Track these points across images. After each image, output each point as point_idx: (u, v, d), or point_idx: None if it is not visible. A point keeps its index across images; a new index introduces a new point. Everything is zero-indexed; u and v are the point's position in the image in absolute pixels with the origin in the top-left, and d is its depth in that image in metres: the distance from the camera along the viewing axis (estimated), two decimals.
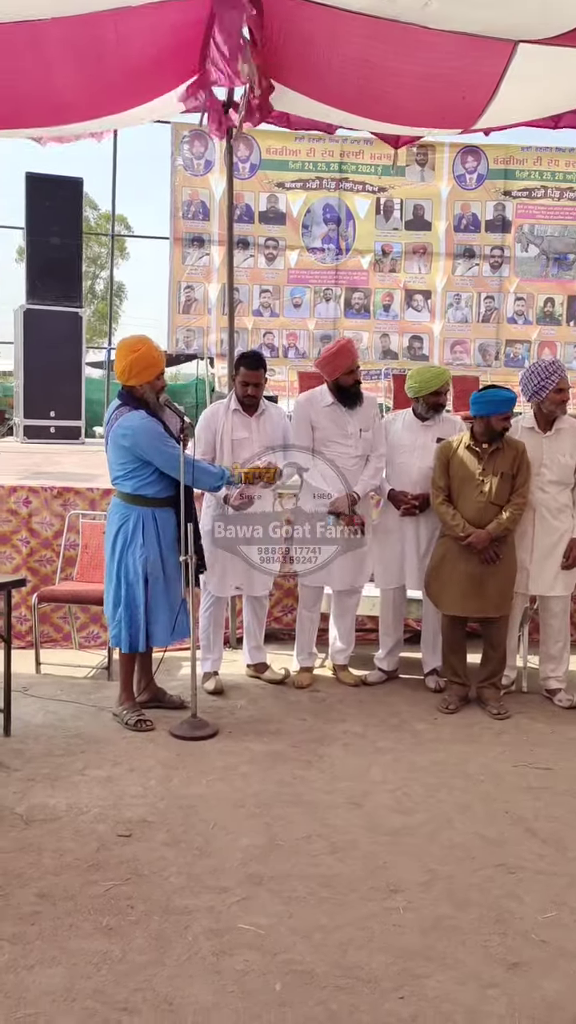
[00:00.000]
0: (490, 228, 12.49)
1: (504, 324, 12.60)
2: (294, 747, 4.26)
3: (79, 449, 10.14)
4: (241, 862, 3.17)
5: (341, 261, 12.17)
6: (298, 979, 2.54)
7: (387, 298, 12.35)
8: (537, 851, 3.34)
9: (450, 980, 2.56)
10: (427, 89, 4.76)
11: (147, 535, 4.39)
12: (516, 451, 4.77)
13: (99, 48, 4.26)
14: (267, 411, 5.04)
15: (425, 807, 3.68)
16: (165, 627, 4.45)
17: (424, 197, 12.27)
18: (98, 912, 2.83)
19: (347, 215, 12.12)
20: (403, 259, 12.31)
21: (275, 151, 11.81)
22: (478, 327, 12.54)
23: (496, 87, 4.57)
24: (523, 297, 12.64)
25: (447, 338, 12.52)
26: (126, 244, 30.89)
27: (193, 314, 11.80)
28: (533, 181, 12.43)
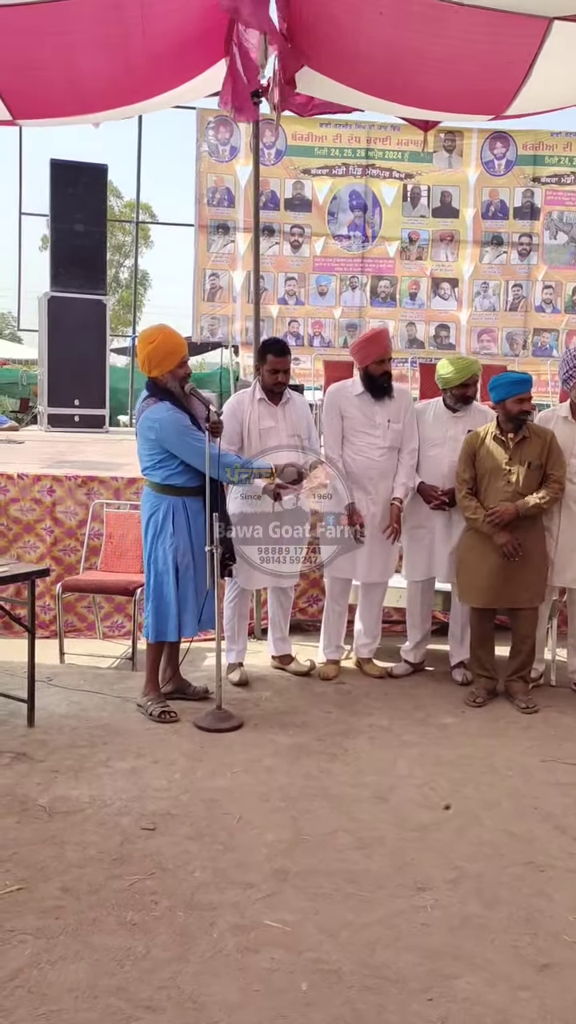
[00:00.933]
0: (518, 215, 12.34)
1: (532, 312, 12.46)
2: (319, 740, 4.22)
3: (103, 438, 10.14)
4: (266, 857, 3.14)
5: (367, 249, 12.07)
6: (324, 978, 2.50)
7: (413, 286, 12.24)
8: (567, 849, 3.28)
9: (480, 981, 2.51)
10: (456, 72, 4.66)
11: (177, 524, 4.37)
12: (544, 440, 4.68)
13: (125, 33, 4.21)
14: (292, 400, 5.00)
15: (452, 802, 3.62)
16: (194, 617, 4.43)
17: (452, 184, 12.13)
18: (122, 907, 2.80)
19: (373, 202, 12.02)
20: (430, 246, 12.19)
21: (301, 137, 11.71)
22: (505, 316, 12.41)
23: (529, 70, 4.46)
24: (551, 285, 12.48)
25: (474, 327, 12.40)
26: (150, 232, 30.87)
27: (218, 302, 11.76)
28: (563, 167, 12.25)
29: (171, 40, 4.50)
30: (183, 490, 4.37)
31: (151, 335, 4.38)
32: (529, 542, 4.67)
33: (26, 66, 4.41)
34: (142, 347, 4.35)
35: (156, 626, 4.45)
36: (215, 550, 4.29)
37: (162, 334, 4.36)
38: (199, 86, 5.09)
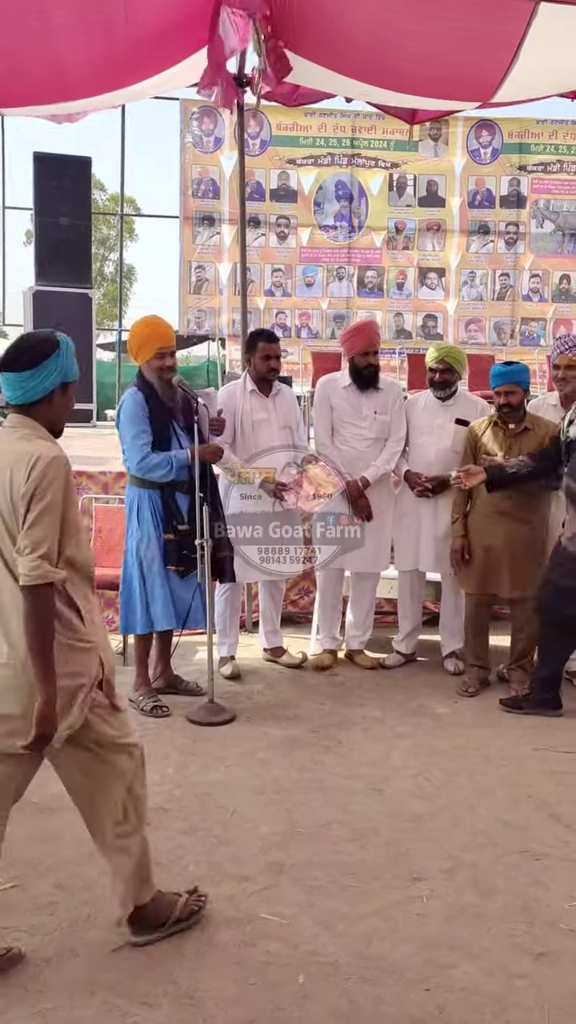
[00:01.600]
0: (505, 204, 12.33)
1: (519, 302, 12.46)
2: (313, 732, 4.21)
3: (91, 432, 10.09)
4: (261, 850, 3.13)
5: (354, 239, 12.05)
6: (321, 970, 2.49)
7: (400, 276, 12.22)
8: (562, 837, 3.29)
9: (477, 970, 2.51)
10: (443, 56, 4.63)
11: (143, 516, 4.36)
12: (546, 432, 4.63)
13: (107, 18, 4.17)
14: (281, 391, 5.01)
15: (446, 792, 3.62)
16: (166, 610, 4.37)
17: (438, 173, 12.12)
18: None
19: (359, 192, 11.99)
20: (417, 236, 12.17)
21: (286, 127, 11.67)
22: (493, 305, 12.41)
23: (515, 53, 4.44)
24: (538, 274, 12.49)
25: (461, 316, 12.40)
26: (135, 225, 30.73)
27: (204, 294, 11.72)
28: (549, 155, 12.25)
29: (154, 26, 4.46)
30: (147, 482, 4.36)
31: (136, 323, 4.49)
32: (524, 532, 4.65)
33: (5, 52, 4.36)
34: (129, 335, 4.48)
35: (124, 618, 4.48)
36: (206, 544, 4.27)
37: (144, 322, 4.46)
38: (182, 73, 5.04)
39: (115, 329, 14.64)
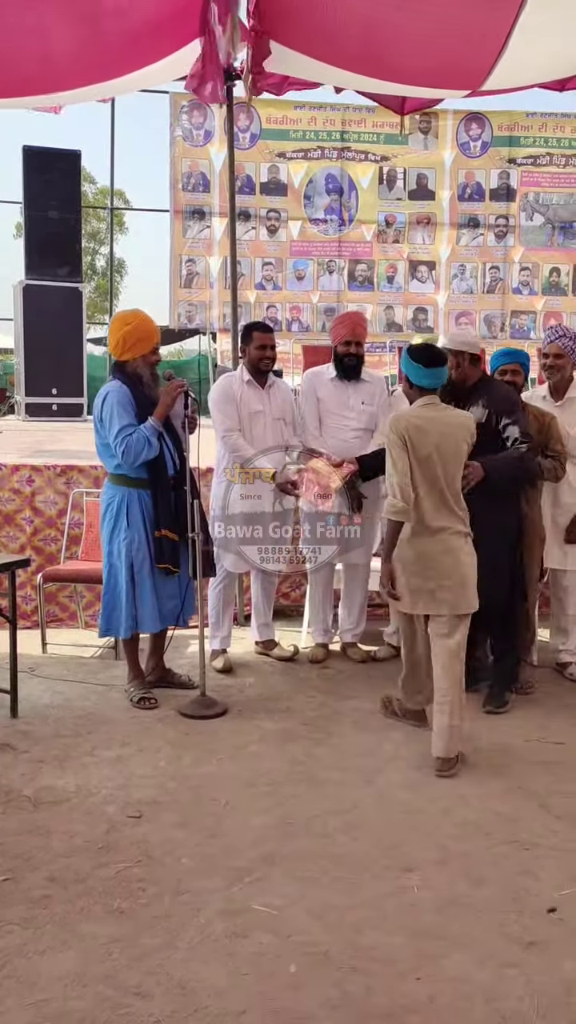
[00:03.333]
0: (495, 197, 12.32)
1: (509, 295, 12.46)
2: (304, 725, 4.22)
3: (82, 427, 10.07)
4: (253, 842, 3.14)
5: (344, 232, 12.02)
6: (313, 960, 2.51)
7: (391, 269, 12.21)
8: (551, 827, 3.31)
9: (467, 960, 2.53)
10: (432, 46, 4.63)
11: (132, 517, 4.33)
12: (541, 423, 4.61)
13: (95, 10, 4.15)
14: (276, 383, 5.03)
15: (437, 783, 3.64)
16: (153, 613, 4.36)
17: (427, 166, 12.10)
18: (109, 895, 2.80)
19: (349, 185, 11.96)
20: (407, 229, 12.15)
21: (275, 120, 11.63)
22: (483, 298, 12.40)
23: (504, 43, 4.44)
24: (528, 267, 12.49)
25: (452, 309, 12.39)
26: (125, 218, 30.62)
27: (195, 288, 11.68)
28: (538, 148, 12.23)
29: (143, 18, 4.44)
30: (136, 481, 4.33)
31: (128, 317, 4.40)
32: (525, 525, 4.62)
33: None
34: (117, 328, 4.36)
35: (105, 620, 4.45)
36: (196, 537, 4.28)
37: (138, 318, 4.38)
38: (171, 67, 5.03)
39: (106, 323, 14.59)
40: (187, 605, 4.50)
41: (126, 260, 36.66)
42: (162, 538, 4.29)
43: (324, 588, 5.24)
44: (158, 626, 4.41)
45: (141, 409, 4.29)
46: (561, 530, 4.84)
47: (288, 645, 5.26)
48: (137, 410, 4.28)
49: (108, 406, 4.28)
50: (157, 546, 4.31)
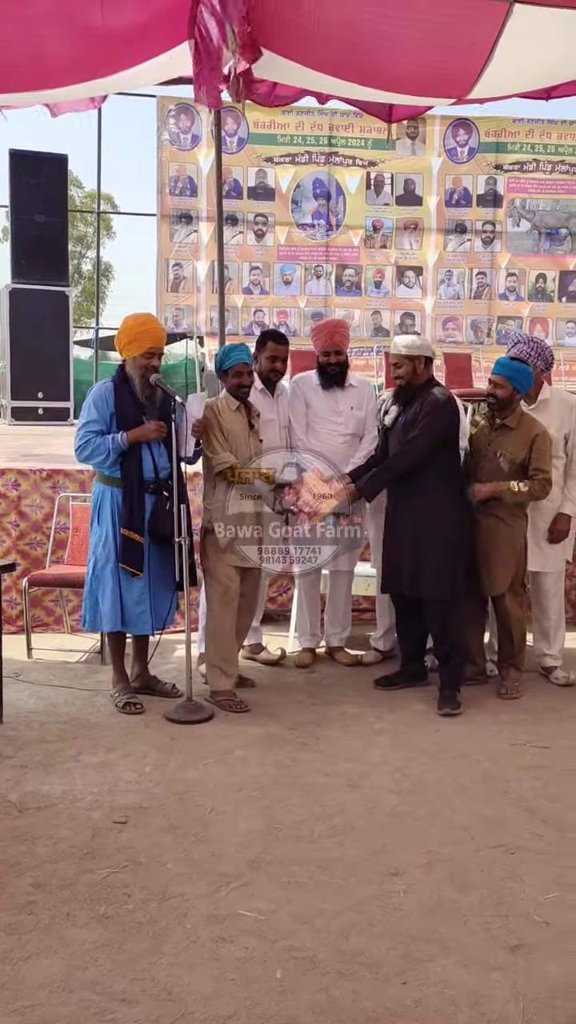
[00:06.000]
0: (482, 203, 12.40)
1: (496, 300, 12.54)
2: (291, 729, 4.23)
3: (68, 431, 10.03)
4: (239, 847, 3.14)
5: (331, 237, 12.07)
6: (299, 965, 2.51)
7: (378, 275, 12.26)
8: (537, 831, 3.32)
9: (453, 964, 2.53)
10: (419, 54, 4.67)
11: (103, 515, 4.38)
12: (528, 434, 4.62)
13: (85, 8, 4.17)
14: (284, 392, 5.07)
15: (424, 788, 3.65)
16: (113, 612, 4.34)
17: (415, 171, 12.16)
18: (95, 901, 2.79)
19: (337, 190, 12.02)
20: (394, 235, 12.22)
21: (263, 125, 11.67)
22: (470, 303, 12.48)
23: (491, 53, 4.48)
24: (515, 273, 12.57)
25: (439, 315, 12.46)
26: (112, 222, 30.61)
27: (182, 292, 11.70)
28: (525, 154, 12.33)
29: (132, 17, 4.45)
30: (110, 480, 4.36)
31: (130, 317, 4.48)
32: (501, 533, 4.66)
33: None
34: (121, 326, 4.46)
35: (82, 613, 4.53)
36: (183, 542, 4.28)
37: (139, 319, 4.47)
38: (160, 67, 5.04)
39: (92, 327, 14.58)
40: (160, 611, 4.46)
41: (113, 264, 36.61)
42: (125, 538, 4.30)
43: (311, 593, 5.25)
44: (117, 626, 4.39)
45: (121, 411, 4.32)
46: (540, 532, 4.86)
47: (275, 649, 5.27)
48: (116, 411, 4.32)
49: (84, 402, 4.39)
50: (122, 546, 4.31)
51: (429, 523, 4.50)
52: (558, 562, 5.00)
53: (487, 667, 5.02)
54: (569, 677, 4.97)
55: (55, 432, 9.60)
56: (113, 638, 4.51)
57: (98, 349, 13.80)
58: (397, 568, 4.64)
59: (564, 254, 12.59)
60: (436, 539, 4.49)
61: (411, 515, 4.56)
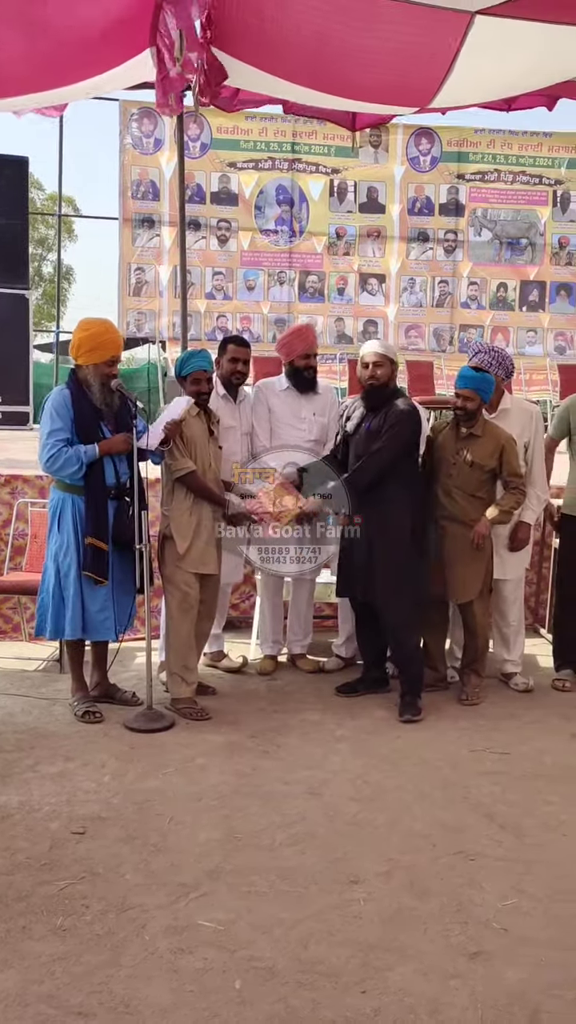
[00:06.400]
0: (444, 211, 12.51)
1: (458, 309, 12.65)
2: (252, 737, 4.22)
3: (27, 435, 9.92)
4: (199, 857, 3.12)
5: (295, 244, 12.11)
6: (258, 976, 2.50)
7: (341, 281, 12.31)
8: (496, 837, 3.35)
9: (412, 972, 2.54)
10: (382, 64, 4.70)
11: (63, 522, 4.31)
12: (496, 443, 4.64)
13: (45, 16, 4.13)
14: (247, 397, 5.05)
15: (384, 795, 3.66)
16: (75, 620, 4.29)
17: (378, 179, 12.24)
18: (52, 913, 2.76)
19: (300, 196, 12.06)
20: (357, 242, 12.28)
21: (226, 130, 11.68)
22: (432, 311, 12.57)
23: (452, 62, 4.53)
24: (476, 281, 12.69)
25: (401, 322, 12.54)
26: (74, 225, 30.42)
27: (144, 297, 11.66)
28: (486, 164, 12.46)
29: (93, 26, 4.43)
30: (70, 487, 4.31)
31: (92, 323, 4.39)
32: (470, 539, 4.68)
33: None
34: (78, 331, 4.36)
35: (39, 620, 4.44)
36: (144, 548, 4.26)
37: (103, 326, 4.39)
38: (121, 75, 5.02)
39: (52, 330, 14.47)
40: (121, 616, 4.44)
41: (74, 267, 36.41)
42: (90, 546, 4.25)
43: (274, 600, 5.24)
44: (79, 634, 4.35)
45: (80, 418, 4.26)
46: (500, 540, 4.90)
47: (237, 656, 5.25)
48: (75, 418, 4.25)
49: (44, 410, 4.31)
50: (85, 554, 4.27)
51: (385, 530, 4.53)
52: (517, 569, 5.06)
53: (448, 673, 5.06)
54: (528, 683, 5.02)
55: (13, 437, 9.49)
56: (72, 646, 4.47)
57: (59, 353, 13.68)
58: (352, 573, 4.66)
59: (525, 264, 12.74)
60: (391, 546, 4.51)
61: (368, 521, 4.58)
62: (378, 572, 4.53)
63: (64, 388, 4.31)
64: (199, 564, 4.46)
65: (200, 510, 4.46)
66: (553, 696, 4.96)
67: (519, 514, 4.88)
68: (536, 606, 6.22)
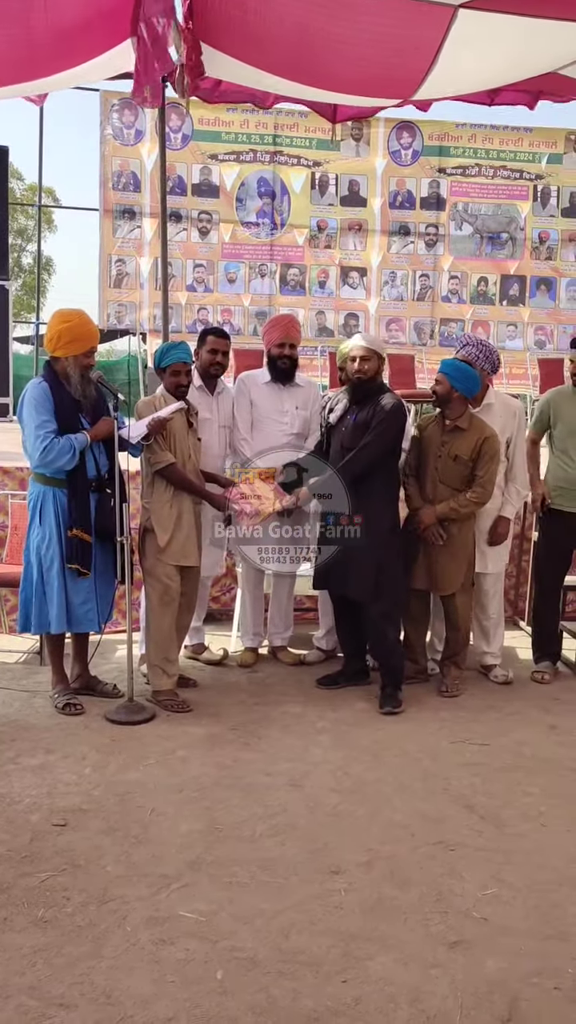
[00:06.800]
0: (425, 205, 12.51)
1: (439, 303, 12.67)
2: (233, 729, 4.22)
3: (7, 427, 9.87)
4: (180, 848, 3.13)
5: (276, 236, 12.08)
6: (240, 966, 2.51)
7: (322, 275, 12.31)
8: (476, 828, 3.37)
9: (392, 961, 2.56)
10: (365, 56, 4.70)
11: (44, 515, 4.28)
12: (479, 437, 4.66)
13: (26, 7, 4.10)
14: (226, 390, 5.02)
15: (364, 786, 3.68)
16: (60, 613, 4.28)
17: (359, 172, 12.23)
18: (33, 905, 2.76)
19: (282, 189, 12.03)
20: (338, 235, 12.27)
21: (207, 121, 11.63)
22: (413, 305, 12.59)
23: (436, 55, 4.53)
24: (457, 275, 12.71)
25: (382, 316, 12.55)
26: (54, 216, 30.22)
27: (124, 288, 11.61)
28: (468, 159, 12.47)
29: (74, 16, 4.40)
30: (51, 480, 4.28)
31: (67, 315, 4.34)
32: (452, 531, 4.69)
33: None
34: (55, 323, 4.30)
35: (21, 616, 4.41)
36: (125, 541, 4.25)
37: (78, 318, 4.34)
38: (103, 65, 4.99)
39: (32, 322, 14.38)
40: (103, 607, 4.42)
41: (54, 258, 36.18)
42: (73, 538, 4.24)
43: (255, 592, 5.24)
44: (64, 628, 4.33)
45: (61, 409, 4.23)
46: (481, 534, 4.93)
47: (218, 649, 5.25)
48: (56, 410, 4.22)
49: (25, 404, 4.25)
50: (69, 546, 4.25)
51: (366, 524, 4.53)
52: (498, 564, 5.08)
53: (428, 665, 5.08)
54: (508, 675, 5.05)
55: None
56: (52, 638, 4.45)
57: (38, 345, 13.60)
58: (327, 564, 4.66)
59: (505, 258, 12.77)
60: (371, 540, 4.52)
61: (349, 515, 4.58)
62: (350, 565, 4.54)
63: (42, 380, 4.27)
64: (180, 557, 4.46)
65: (181, 502, 4.45)
66: (532, 688, 5.00)
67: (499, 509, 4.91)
68: (516, 599, 6.26)
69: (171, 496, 4.43)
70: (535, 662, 5.22)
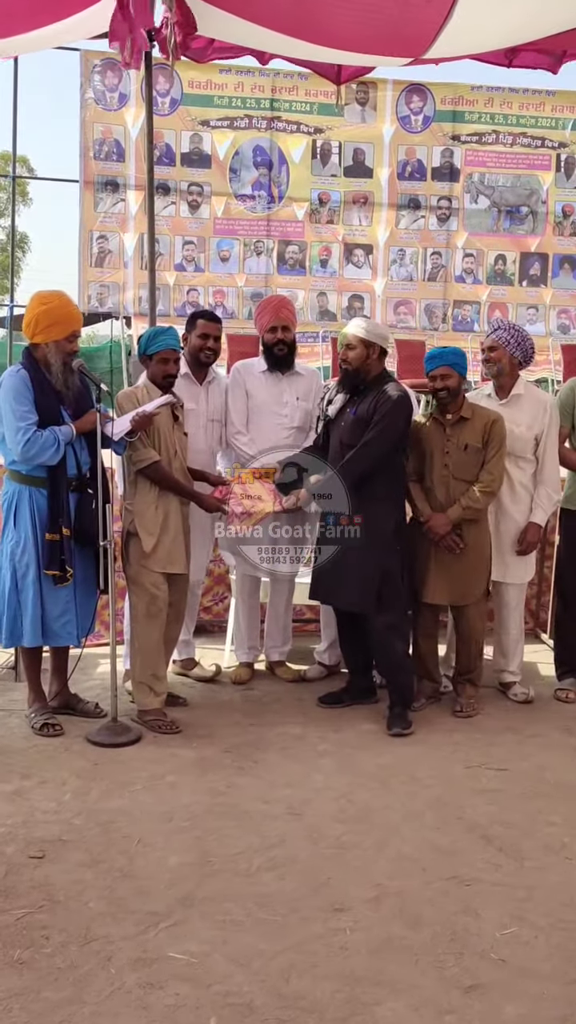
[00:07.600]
0: (437, 176, 12.48)
1: (452, 283, 12.64)
2: (226, 752, 4.24)
3: None
4: (169, 883, 3.14)
5: (273, 210, 12.06)
6: (235, 1012, 2.52)
7: (324, 252, 12.29)
8: (493, 861, 3.38)
9: (403, 1007, 2.57)
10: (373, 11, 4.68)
11: (19, 517, 4.29)
12: (486, 421, 4.69)
13: None
14: (216, 380, 5.02)
15: (371, 816, 3.69)
16: (34, 626, 4.29)
17: (365, 140, 12.21)
18: (9, 944, 2.77)
19: (280, 159, 12.01)
20: (342, 209, 12.24)
21: (198, 85, 11.61)
22: (424, 286, 12.56)
23: (451, 10, 4.52)
24: (472, 253, 12.69)
25: (390, 298, 12.52)
26: (28, 188, 30.22)
27: (107, 267, 11.59)
28: (484, 125, 12.43)
29: None
30: (28, 478, 4.29)
31: (46, 297, 4.35)
32: (469, 537, 4.70)
33: None
34: (33, 307, 4.32)
35: None
36: (108, 546, 4.26)
37: (58, 300, 4.36)
38: (83, 23, 4.99)
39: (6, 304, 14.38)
40: (83, 620, 4.44)
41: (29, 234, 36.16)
42: (52, 542, 4.24)
43: (249, 602, 5.25)
44: (39, 640, 4.34)
45: (42, 398, 4.24)
46: (503, 538, 4.93)
47: (209, 664, 5.27)
48: (37, 399, 4.23)
49: (2, 394, 4.24)
50: (46, 550, 4.25)
51: (367, 529, 4.53)
52: (522, 574, 5.06)
53: (441, 683, 5.09)
54: (528, 693, 5.06)
55: None
56: (29, 652, 4.46)
57: (12, 328, 13.60)
58: (327, 575, 4.67)
59: (525, 234, 12.75)
60: (373, 547, 4.52)
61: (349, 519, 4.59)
62: (346, 572, 4.55)
63: (20, 368, 4.28)
64: (167, 563, 4.47)
65: (167, 504, 4.46)
66: (555, 707, 5.02)
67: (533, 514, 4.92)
68: (537, 609, 6.28)
69: (156, 497, 4.44)
70: (558, 679, 5.24)
